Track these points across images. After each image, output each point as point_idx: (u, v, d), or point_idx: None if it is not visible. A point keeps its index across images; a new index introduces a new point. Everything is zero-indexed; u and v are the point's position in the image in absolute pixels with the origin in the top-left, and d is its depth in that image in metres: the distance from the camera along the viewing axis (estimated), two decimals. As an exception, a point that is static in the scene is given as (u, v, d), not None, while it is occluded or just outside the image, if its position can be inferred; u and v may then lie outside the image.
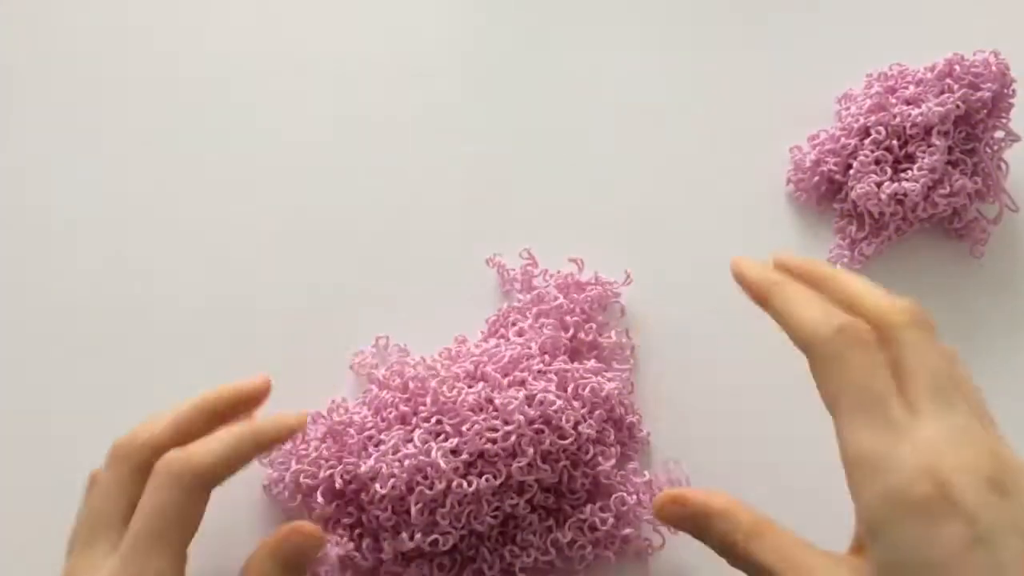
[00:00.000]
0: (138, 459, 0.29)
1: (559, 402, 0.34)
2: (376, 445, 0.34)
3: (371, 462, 0.33)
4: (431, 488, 0.32)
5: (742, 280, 0.30)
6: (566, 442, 0.34)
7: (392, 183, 0.44)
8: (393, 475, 0.32)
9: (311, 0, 0.49)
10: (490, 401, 0.34)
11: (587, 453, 0.35)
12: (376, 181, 0.44)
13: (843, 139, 0.44)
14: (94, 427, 0.32)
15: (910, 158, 0.42)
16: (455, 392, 0.34)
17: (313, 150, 0.45)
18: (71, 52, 0.47)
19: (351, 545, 0.34)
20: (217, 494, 0.29)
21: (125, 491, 0.28)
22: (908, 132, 0.42)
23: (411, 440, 0.33)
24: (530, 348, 0.37)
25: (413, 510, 0.32)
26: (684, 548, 0.35)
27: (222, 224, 0.43)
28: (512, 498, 0.34)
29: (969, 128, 0.42)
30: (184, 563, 0.27)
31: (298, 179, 0.44)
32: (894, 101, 0.43)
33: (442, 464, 0.32)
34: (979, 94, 0.41)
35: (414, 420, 0.34)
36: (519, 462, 0.33)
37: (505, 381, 0.35)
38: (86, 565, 0.27)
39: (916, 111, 0.42)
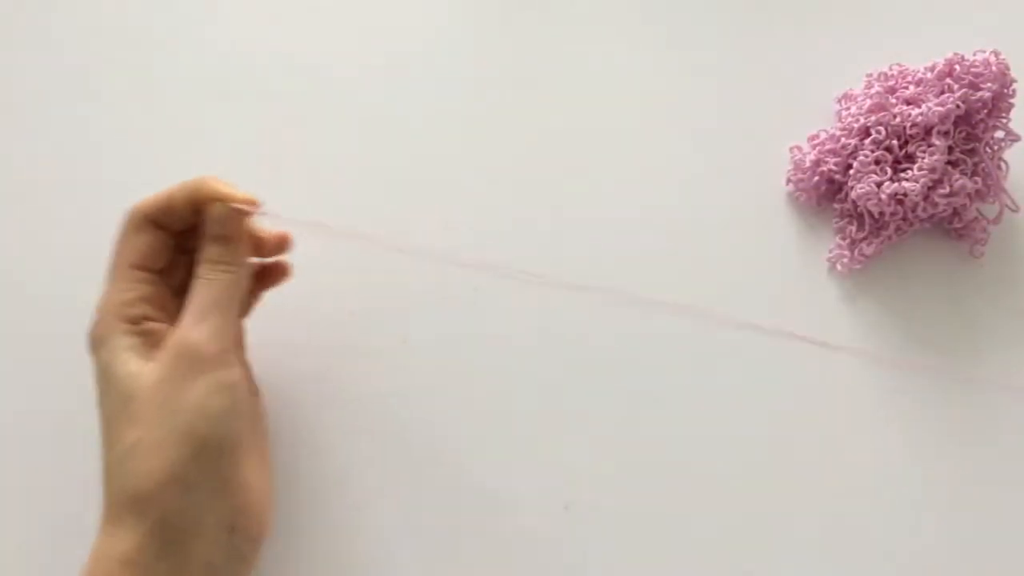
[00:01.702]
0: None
1: None
2: None
3: None
4: None
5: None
6: None
7: (389, 182, 0.45)
8: None
9: (308, 3, 0.49)
10: None
11: None
12: (374, 179, 0.45)
13: (843, 139, 0.44)
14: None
15: (910, 158, 0.42)
16: None
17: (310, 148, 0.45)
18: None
19: None
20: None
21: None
22: (908, 132, 0.42)
23: None
24: None
25: None
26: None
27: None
28: None
29: (969, 128, 0.42)
30: (127, 286, 0.33)
31: (297, 178, 0.45)
32: (894, 101, 0.43)
33: None
34: (979, 94, 0.41)
35: None
36: None
37: None
38: None
39: (916, 111, 0.42)
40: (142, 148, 0.45)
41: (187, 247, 0.35)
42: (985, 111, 0.42)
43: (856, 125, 0.43)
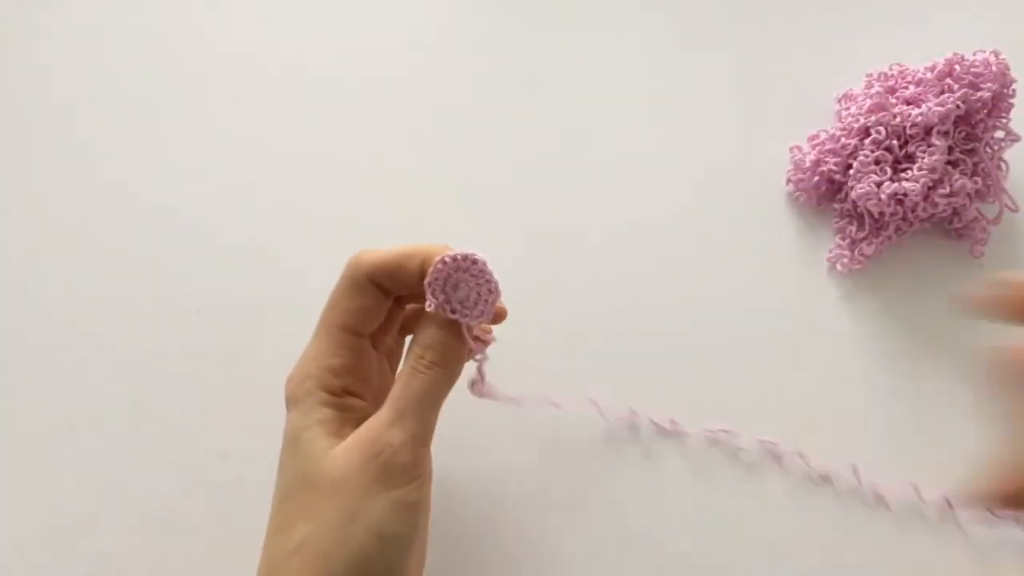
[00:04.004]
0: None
1: None
2: None
3: None
4: None
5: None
6: None
7: (389, 181, 0.45)
8: None
9: (309, 5, 0.49)
10: None
11: None
12: (373, 178, 0.45)
13: (843, 139, 0.44)
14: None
15: (910, 158, 0.42)
16: None
17: (311, 149, 0.45)
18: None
19: None
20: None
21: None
22: (908, 132, 0.42)
23: None
24: None
25: None
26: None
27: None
28: None
29: (969, 128, 0.42)
30: (335, 351, 0.30)
31: (298, 177, 0.45)
32: (894, 101, 0.43)
33: None
34: (979, 94, 0.41)
35: None
36: None
37: None
38: None
39: (916, 111, 0.42)
40: (145, 148, 0.45)
41: (399, 304, 0.33)
42: (985, 111, 0.42)
43: (856, 125, 0.43)
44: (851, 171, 0.43)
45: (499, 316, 0.33)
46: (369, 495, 0.28)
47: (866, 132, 0.43)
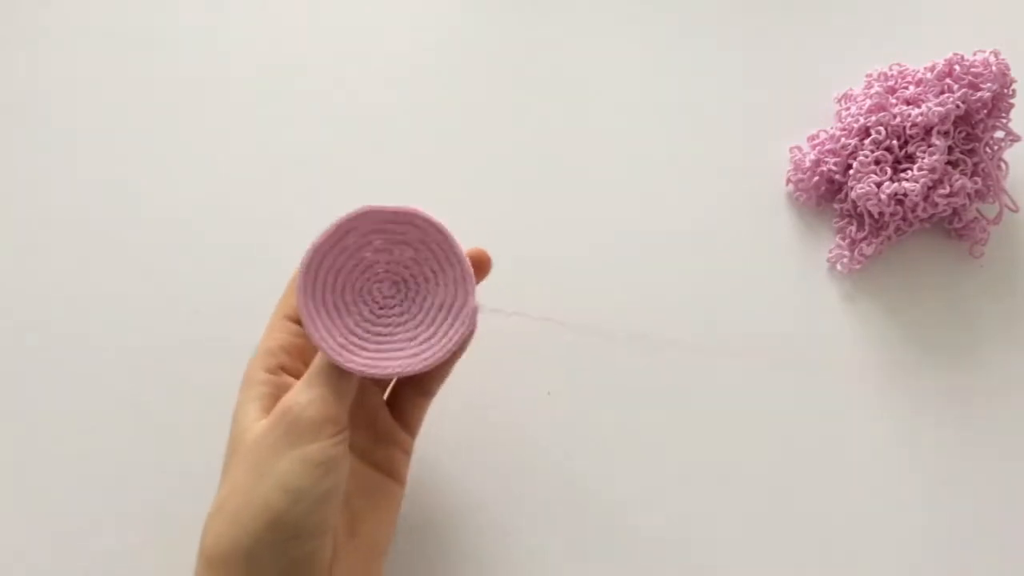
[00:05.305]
0: None
1: None
2: None
3: None
4: None
5: None
6: None
7: (389, 181, 0.45)
8: None
9: (305, 4, 0.49)
10: None
11: None
12: (373, 178, 0.45)
13: (843, 139, 0.44)
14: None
15: (910, 158, 0.42)
16: None
17: (309, 149, 0.45)
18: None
19: None
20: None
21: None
22: (908, 132, 0.42)
23: None
24: None
25: None
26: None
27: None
28: None
29: (969, 128, 0.42)
30: (274, 335, 0.33)
31: (297, 175, 0.45)
32: (894, 101, 0.43)
33: None
34: (979, 94, 0.41)
35: None
36: None
37: None
38: None
39: (916, 111, 0.42)
40: (145, 147, 0.45)
41: None
42: (985, 111, 0.42)
43: (856, 125, 0.43)
44: (851, 171, 0.43)
45: (482, 267, 0.34)
46: (276, 453, 0.29)
47: (866, 132, 0.43)
